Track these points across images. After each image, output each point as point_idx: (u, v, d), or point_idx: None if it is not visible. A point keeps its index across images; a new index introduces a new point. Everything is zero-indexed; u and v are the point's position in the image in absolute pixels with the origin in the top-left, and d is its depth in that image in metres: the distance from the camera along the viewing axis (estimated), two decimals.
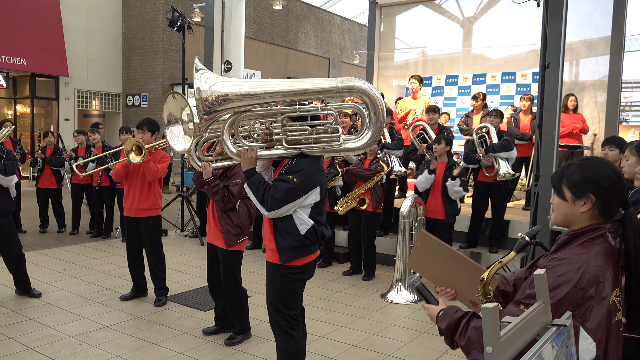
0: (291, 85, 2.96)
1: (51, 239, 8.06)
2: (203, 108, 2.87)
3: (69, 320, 4.68)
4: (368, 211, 6.27)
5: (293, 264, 3.13)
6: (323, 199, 3.17)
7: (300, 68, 21.45)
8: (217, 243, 4.25)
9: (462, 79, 10.54)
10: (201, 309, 5.09)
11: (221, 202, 4.11)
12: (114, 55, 17.42)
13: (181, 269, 6.51)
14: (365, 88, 2.95)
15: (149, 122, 5.08)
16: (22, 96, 16.31)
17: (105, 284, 5.78)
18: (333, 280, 6.25)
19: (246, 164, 3.09)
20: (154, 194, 5.14)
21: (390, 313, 5.19)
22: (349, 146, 3.07)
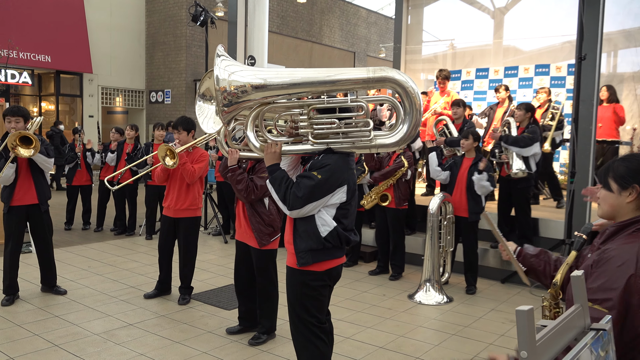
0: (319, 75, 2.80)
1: (76, 237, 8.23)
2: (223, 98, 2.73)
3: (93, 317, 4.78)
4: (391, 208, 6.24)
5: (312, 268, 2.97)
6: (351, 200, 2.99)
7: (324, 62, 21.42)
8: (249, 242, 4.25)
9: (493, 72, 10.38)
10: (225, 307, 5.13)
11: (244, 192, 4.07)
12: (137, 52, 17.69)
13: (205, 267, 6.58)
14: (400, 79, 2.75)
15: (184, 121, 5.10)
16: (47, 93, 16.70)
17: (129, 282, 5.88)
18: (359, 280, 6.24)
19: (269, 159, 2.96)
20: (193, 194, 5.15)
21: (419, 314, 5.15)
22: (381, 142, 2.87)
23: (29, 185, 5.04)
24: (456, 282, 6.17)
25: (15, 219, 5.04)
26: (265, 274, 4.25)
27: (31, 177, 5.05)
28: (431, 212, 5.70)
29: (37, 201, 5.10)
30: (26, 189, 5.04)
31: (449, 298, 5.55)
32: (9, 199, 4.98)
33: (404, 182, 6.27)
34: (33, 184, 5.06)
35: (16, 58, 14.08)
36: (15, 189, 5.01)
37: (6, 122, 4.90)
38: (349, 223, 3.04)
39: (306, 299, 3.02)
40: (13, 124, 4.85)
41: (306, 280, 3.00)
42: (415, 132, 2.87)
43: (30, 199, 5.07)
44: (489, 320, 5.01)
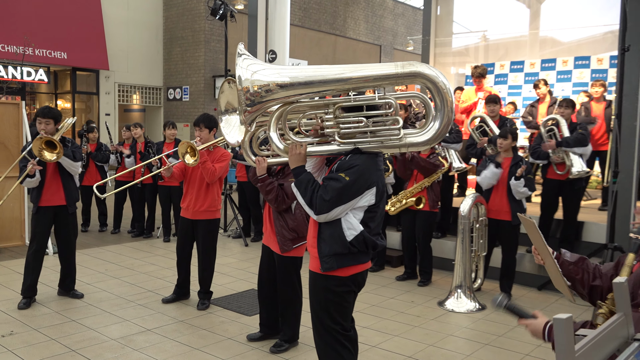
0: (345, 72, 2.79)
1: (93, 238, 8.40)
2: (245, 99, 2.75)
3: (110, 322, 4.87)
4: (424, 211, 6.20)
5: (336, 274, 2.97)
6: (379, 203, 2.98)
7: (349, 56, 21.41)
8: (272, 247, 4.28)
9: (528, 65, 10.24)
10: (246, 313, 5.18)
11: (274, 202, 4.09)
12: (154, 47, 17.94)
13: (224, 271, 6.64)
14: (430, 74, 2.74)
15: (206, 119, 5.15)
16: (63, 91, 17.05)
17: (146, 286, 5.98)
18: (385, 285, 6.23)
19: (294, 161, 2.96)
20: (212, 195, 5.20)
21: (449, 322, 5.12)
22: (411, 140, 2.86)
23: (57, 186, 5.21)
24: (489, 289, 6.11)
25: (42, 220, 5.21)
26: (287, 281, 4.27)
27: (59, 179, 5.23)
28: (462, 215, 5.66)
29: (65, 202, 5.27)
30: (54, 190, 5.20)
31: (481, 305, 5.51)
32: (37, 199, 5.16)
33: (436, 183, 6.24)
34: (61, 186, 5.24)
35: (32, 55, 14.40)
36: (44, 189, 5.18)
37: (37, 123, 5.10)
38: (376, 227, 3.03)
39: (330, 305, 3.02)
40: (43, 126, 5.05)
41: (330, 285, 3.00)
42: (447, 129, 2.86)
43: (59, 200, 5.24)
44: (524, 330, 4.94)
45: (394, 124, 2.87)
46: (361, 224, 2.95)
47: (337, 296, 3.02)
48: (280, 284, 4.29)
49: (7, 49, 14.25)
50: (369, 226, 2.97)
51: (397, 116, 2.87)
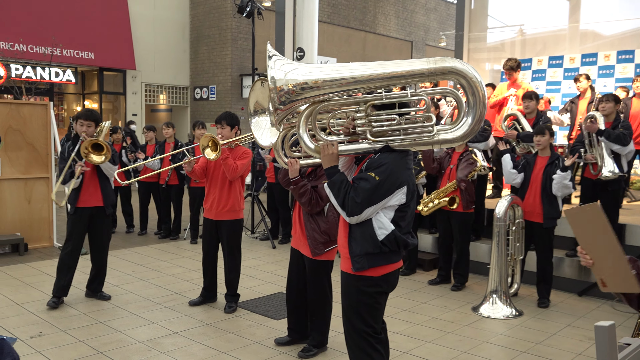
0: (377, 69, 2.83)
1: (120, 240, 8.56)
2: (278, 98, 2.81)
3: (138, 325, 4.96)
4: (458, 212, 6.15)
5: (368, 274, 3.01)
6: (410, 202, 3.01)
7: (379, 53, 21.34)
8: (303, 250, 4.29)
9: (568, 60, 10.05)
10: (273, 317, 5.21)
11: (308, 205, 4.09)
12: (181, 46, 18.19)
13: (252, 274, 6.69)
14: (462, 69, 2.78)
15: (228, 116, 5.22)
16: (90, 91, 17.43)
17: (173, 288, 6.06)
18: (417, 289, 6.19)
19: (327, 161, 3.00)
20: (235, 195, 5.25)
21: (484, 329, 5.06)
22: (444, 137, 2.89)
23: (95, 187, 5.36)
24: (526, 294, 6.02)
25: (79, 221, 5.36)
26: (318, 285, 4.26)
27: (97, 180, 5.38)
28: (498, 217, 5.59)
29: (102, 204, 5.42)
30: (92, 192, 5.35)
31: (518, 311, 5.43)
32: (75, 200, 5.31)
33: (470, 183, 6.17)
34: (99, 187, 5.39)
35: (59, 55, 14.77)
36: (81, 190, 5.33)
37: (78, 124, 5.26)
38: (407, 225, 3.06)
39: (362, 307, 3.05)
40: (85, 128, 5.22)
41: (362, 286, 3.03)
42: (480, 126, 2.89)
43: (96, 201, 5.39)
44: (564, 337, 4.86)
45: (426, 121, 2.90)
46: (392, 223, 2.98)
47: (369, 297, 3.05)
48: (310, 288, 4.30)
49: (35, 49, 14.63)
50: (399, 225, 3.00)
51: (430, 113, 2.90)
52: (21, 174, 7.69)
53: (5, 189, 7.58)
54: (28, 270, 6.67)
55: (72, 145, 5.34)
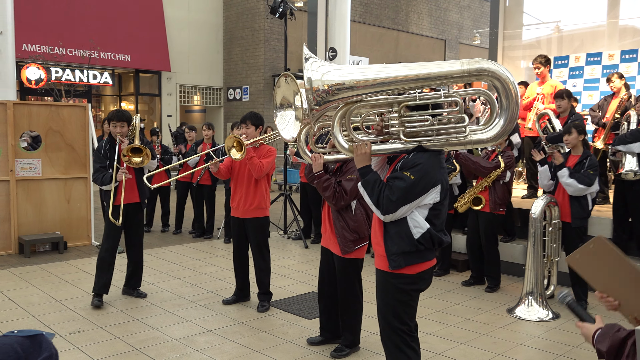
0: (411, 71, 2.88)
1: (156, 239, 8.70)
2: (314, 98, 2.87)
3: (173, 322, 5.04)
4: (485, 212, 6.08)
5: (404, 271, 3.06)
6: (443, 200, 3.06)
7: (411, 52, 21.20)
8: (333, 249, 4.30)
9: (607, 57, 9.79)
10: (306, 316, 5.22)
11: (332, 198, 4.11)
12: (214, 47, 18.40)
13: (284, 274, 6.73)
14: (495, 70, 2.82)
15: (252, 116, 5.29)
16: (126, 93, 17.79)
17: (207, 287, 6.14)
18: (451, 290, 6.13)
19: (360, 160, 3.04)
20: (261, 193, 5.31)
21: (519, 331, 4.98)
22: (476, 138, 2.93)
23: (131, 185, 5.48)
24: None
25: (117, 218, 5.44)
26: (347, 284, 4.26)
27: (134, 176, 5.49)
28: (534, 217, 5.49)
29: (139, 199, 5.56)
30: (129, 188, 5.46)
31: (554, 314, 5.32)
32: (113, 198, 5.39)
33: (501, 185, 6.07)
34: (136, 184, 5.51)
35: (97, 58, 15.12)
36: (119, 188, 5.42)
37: (111, 126, 5.39)
38: (440, 224, 3.10)
39: (398, 305, 3.10)
40: (118, 129, 5.35)
41: (398, 283, 3.08)
42: (512, 126, 2.92)
43: (133, 197, 5.53)
44: None
45: (459, 122, 2.93)
46: (426, 221, 3.03)
47: (406, 295, 3.10)
48: (341, 286, 4.30)
49: (74, 52, 15.01)
50: (433, 223, 3.05)
51: (463, 114, 2.93)
52: (61, 174, 7.90)
53: (45, 189, 7.80)
54: (67, 267, 6.85)
55: (110, 147, 5.43)
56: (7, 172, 7.48)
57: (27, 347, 1.66)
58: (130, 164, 5.31)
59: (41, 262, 7.05)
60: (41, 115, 7.73)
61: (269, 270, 5.46)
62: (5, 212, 7.49)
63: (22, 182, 7.60)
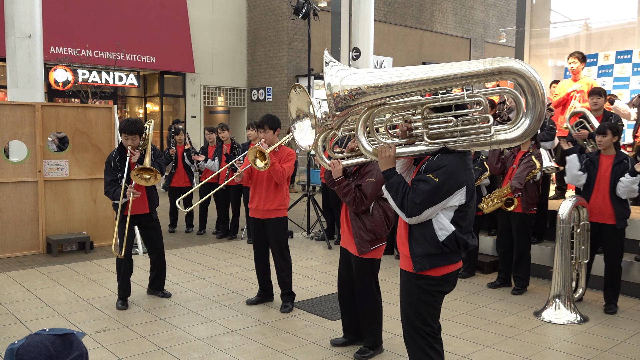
0: (432, 72, 2.87)
1: (180, 239, 8.79)
2: (335, 104, 2.87)
3: (197, 322, 5.08)
4: (517, 212, 6.01)
5: (429, 273, 3.05)
6: (469, 202, 3.04)
7: (436, 52, 21.06)
8: (350, 249, 4.30)
9: (637, 54, 9.60)
10: (329, 317, 5.22)
11: (352, 204, 4.12)
12: (238, 48, 18.53)
13: (308, 274, 6.74)
14: (520, 69, 2.78)
15: (269, 120, 5.30)
16: (151, 94, 18.03)
17: (231, 287, 6.18)
18: (476, 292, 6.07)
19: (384, 163, 3.05)
20: (281, 194, 5.35)
21: (546, 334, 4.90)
22: (502, 138, 2.91)
23: (142, 195, 5.50)
24: (592, 299, 5.79)
25: (130, 228, 5.47)
26: (365, 283, 4.26)
27: (144, 188, 5.51)
28: (562, 218, 5.40)
29: (148, 210, 5.58)
30: (140, 200, 5.48)
31: (583, 317, 5.23)
32: (122, 209, 5.42)
33: (532, 184, 6.00)
34: (146, 195, 5.54)
35: (123, 60, 15.34)
36: (127, 204, 5.42)
37: (123, 138, 5.41)
38: (467, 225, 3.07)
39: (422, 306, 3.09)
40: (130, 142, 5.37)
41: (422, 284, 3.07)
42: (539, 125, 2.88)
43: (143, 208, 5.55)
44: (633, 345, 4.65)
45: (484, 122, 2.91)
46: (452, 223, 3.01)
47: (430, 296, 3.09)
48: (358, 287, 4.29)
49: (100, 54, 15.26)
50: (459, 225, 3.02)
51: (488, 114, 2.91)
52: (87, 174, 8.03)
53: (72, 189, 7.94)
54: (93, 267, 6.96)
55: (120, 159, 5.42)
56: (35, 173, 7.64)
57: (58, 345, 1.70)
58: (139, 182, 5.28)
59: (68, 262, 7.18)
60: (68, 117, 7.88)
61: (291, 270, 5.48)
62: (33, 212, 7.65)
63: (49, 183, 7.75)
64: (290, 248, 5.64)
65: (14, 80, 9.00)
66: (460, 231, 3.02)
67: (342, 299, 4.53)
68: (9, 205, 7.47)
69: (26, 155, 7.61)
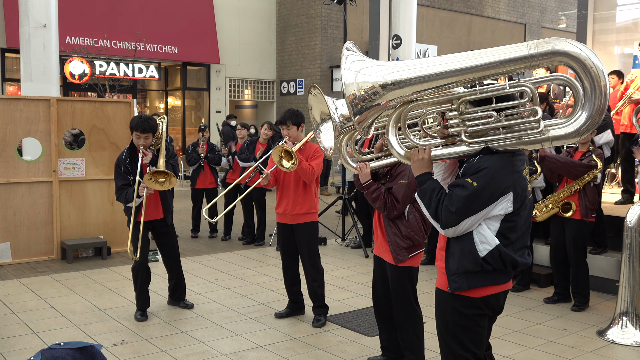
0: (466, 61, 2.73)
1: (203, 245, 8.91)
2: (353, 107, 2.78)
3: (221, 336, 5.14)
4: (574, 219, 5.90)
5: (466, 294, 2.91)
6: (519, 210, 2.88)
7: (486, 38, 20.81)
8: (385, 257, 4.29)
9: None
10: (366, 333, 5.22)
11: (384, 209, 4.11)
12: (267, 37, 18.65)
13: (342, 285, 6.74)
14: (572, 50, 2.59)
15: (292, 115, 5.31)
16: (173, 87, 18.29)
17: (258, 298, 6.23)
18: (531, 308, 5.98)
19: (417, 167, 2.96)
20: (310, 197, 5.37)
21: (611, 356, 4.81)
22: (555, 134, 2.73)
23: (155, 200, 5.59)
24: None
25: (144, 235, 5.54)
26: (402, 294, 4.23)
27: (158, 192, 5.57)
28: (629, 226, 5.29)
29: (163, 215, 5.66)
30: (153, 205, 5.56)
31: None
32: (135, 214, 5.48)
33: (592, 187, 5.87)
34: (160, 199, 5.62)
35: (143, 50, 15.62)
36: (141, 205, 5.50)
37: (134, 137, 5.47)
38: (519, 239, 2.93)
39: (459, 330, 2.97)
40: (142, 141, 5.42)
41: (458, 306, 2.95)
42: (600, 119, 2.69)
43: (157, 214, 5.63)
44: None
45: (532, 116, 2.75)
46: (498, 236, 2.86)
47: (467, 319, 2.95)
48: (394, 298, 4.27)
49: (119, 45, 15.56)
50: (507, 238, 2.88)
51: (536, 106, 2.74)
52: (104, 174, 8.15)
53: (89, 191, 8.09)
54: (111, 275, 7.11)
55: (130, 161, 5.48)
56: (50, 173, 7.82)
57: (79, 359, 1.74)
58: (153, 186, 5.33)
59: (84, 269, 7.35)
60: (85, 112, 8.03)
61: (323, 281, 5.49)
62: (47, 215, 7.84)
63: (65, 183, 7.93)
64: (322, 256, 5.66)
65: (28, 73, 9.26)
66: (508, 246, 2.87)
67: (378, 312, 4.51)
68: (23, 207, 7.67)
69: (40, 154, 7.80)
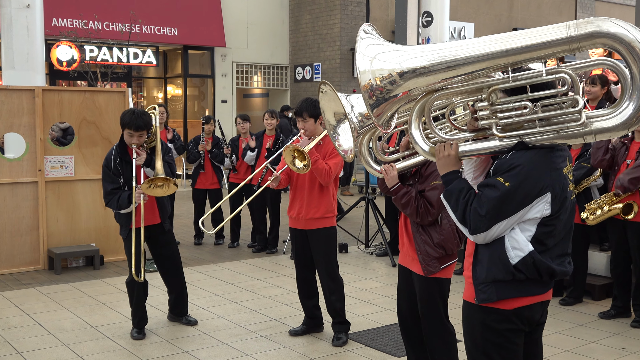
0: (495, 45, 2.72)
1: (207, 253, 8.95)
2: (369, 97, 2.78)
3: (229, 356, 5.16)
4: (636, 222, 5.84)
5: (496, 305, 2.90)
6: (559, 213, 2.85)
7: (531, 15, 20.67)
8: (412, 267, 4.27)
9: None
10: (393, 353, 5.21)
11: (416, 215, 4.08)
12: (279, 16, 18.66)
13: (366, 298, 6.74)
14: (617, 32, 2.56)
15: (309, 105, 5.29)
16: (173, 74, 18.38)
17: (271, 313, 6.24)
18: (584, 324, 5.94)
19: (443, 165, 2.95)
20: (328, 199, 5.37)
21: None
22: (599, 126, 2.71)
23: (151, 204, 5.60)
24: None
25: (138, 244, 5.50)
26: (432, 309, 4.21)
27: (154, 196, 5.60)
28: None
29: (160, 220, 5.68)
30: (148, 209, 5.56)
31: None
32: (128, 221, 5.51)
33: None
34: (155, 202, 5.64)
35: (138, 33, 15.70)
36: (137, 209, 5.51)
37: (126, 134, 5.49)
38: (557, 246, 2.91)
39: (490, 347, 2.96)
40: (135, 140, 5.43)
41: (487, 320, 2.94)
42: None
43: (153, 219, 5.65)
44: None
45: (572, 106, 2.72)
46: (533, 241, 2.84)
47: (498, 335, 2.94)
48: (422, 312, 4.25)
49: (111, 27, 15.65)
50: (544, 244, 2.86)
51: (577, 95, 2.72)
52: (96, 173, 8.07)
53: (79, 192, 8.14)
54: (104, 287, 7.17)
55: (120, 161, 5.50)
56: (35, 172, 7.88)
57: None
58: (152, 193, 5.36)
59: (74, 280, 7.41)
60: (74, 104, 8.07)
61: (342, 293, 5.49)
62: (33, 219, 7.90)
63: (52, 184, 7.99)
64: (343, 265, 5.67)
65: (9, 60, 9.36)
66: (545, 253, 2.85)
67: (404, 330, 4.49)
68: (5, 211, 7.72)
69: (24, 151, 7.87)
